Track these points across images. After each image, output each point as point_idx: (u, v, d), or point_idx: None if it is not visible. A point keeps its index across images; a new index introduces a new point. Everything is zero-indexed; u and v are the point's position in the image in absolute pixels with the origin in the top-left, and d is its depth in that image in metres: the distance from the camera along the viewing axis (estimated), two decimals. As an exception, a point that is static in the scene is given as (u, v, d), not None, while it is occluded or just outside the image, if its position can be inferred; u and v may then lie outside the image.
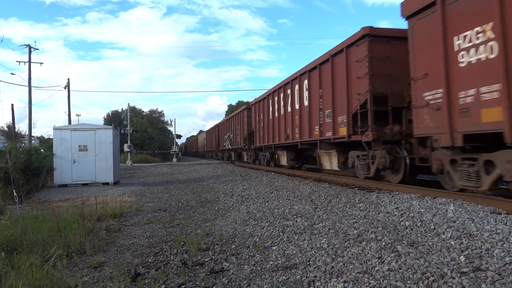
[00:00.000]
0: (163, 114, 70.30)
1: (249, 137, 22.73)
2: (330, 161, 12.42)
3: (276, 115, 16.67)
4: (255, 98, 21.48)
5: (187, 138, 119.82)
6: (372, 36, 9.17)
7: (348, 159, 11.15)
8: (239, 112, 25.99)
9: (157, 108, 74.92)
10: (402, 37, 8.52)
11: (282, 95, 15.78)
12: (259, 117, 20.04)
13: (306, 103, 13.03)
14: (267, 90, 18.21)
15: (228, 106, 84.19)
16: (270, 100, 17.64)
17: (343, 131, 10.41)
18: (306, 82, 12.99)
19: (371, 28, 9.14)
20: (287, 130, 15.09)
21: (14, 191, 9.90)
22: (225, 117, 33.56)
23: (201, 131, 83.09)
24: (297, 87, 13.94)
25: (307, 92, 12.93)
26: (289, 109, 14.81)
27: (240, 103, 67.61)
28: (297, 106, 13.95)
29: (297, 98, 13.89)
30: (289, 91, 14.85)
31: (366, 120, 9.29)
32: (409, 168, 8.89)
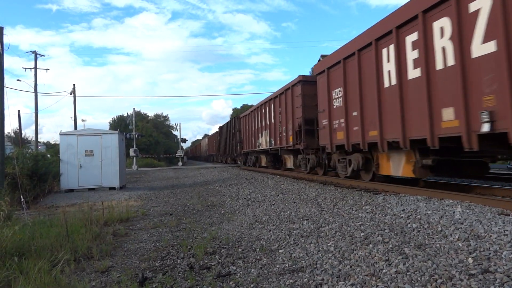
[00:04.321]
0: (168, 118, 70.37)
1: (240, 144, 27.03)
2: (290, 162, 17.20)
3: (256, 127, 21.42)
4: (244, 112, 26.76)
5: (192, 142, 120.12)
6: (304, 81, 13.71)
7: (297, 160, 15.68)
8: (231, 123, 31.17)
9: (162, 113, 75.19)
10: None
11: (259, 112, 20.66)
12: (246, 127, 24.70)
13: (273, 120, 17.93)
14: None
15: (233, 109, 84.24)
16: (253, 116, 22.31)
17: (291, 142, 14.95)
18: (273, 105, 17.90)
19: (303, 76, 13.99)
20: (263, 139, 19.79)
21: (21, 196, 9.96)
22: (222, 125, 38.36)
23: (205, 135, 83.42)
24: (268, 108, 18.87)
25: (273, 112, 17.87)
26: (264, 123, 19.72)
27: (245, 107, 67.76)
28: (268, 122, 18.81)
29: (268, 116, 18.80)
30: (263, 110, 19.82)
31: (301, 135, 13.68)
32: (326, 165, 13.08)
